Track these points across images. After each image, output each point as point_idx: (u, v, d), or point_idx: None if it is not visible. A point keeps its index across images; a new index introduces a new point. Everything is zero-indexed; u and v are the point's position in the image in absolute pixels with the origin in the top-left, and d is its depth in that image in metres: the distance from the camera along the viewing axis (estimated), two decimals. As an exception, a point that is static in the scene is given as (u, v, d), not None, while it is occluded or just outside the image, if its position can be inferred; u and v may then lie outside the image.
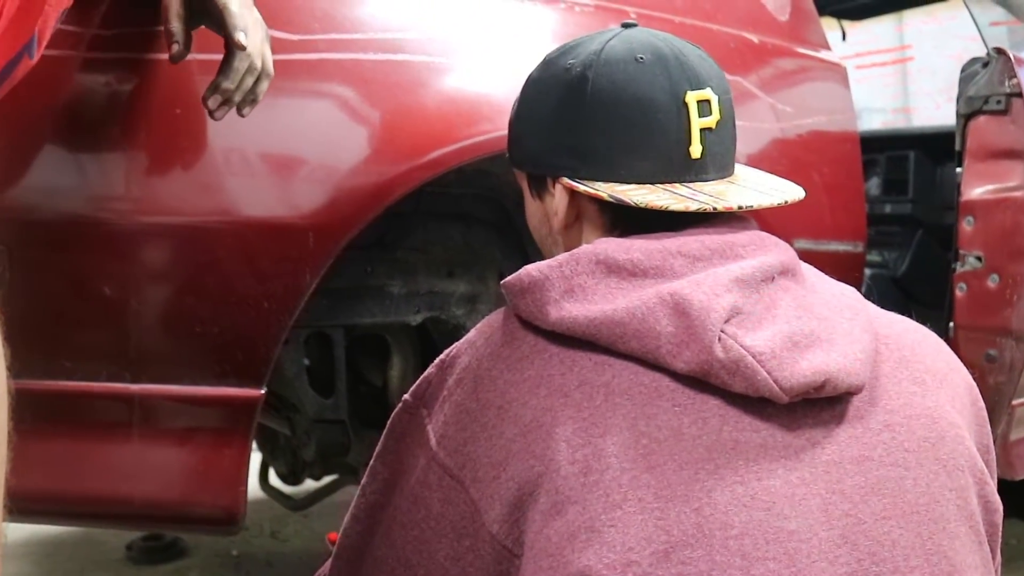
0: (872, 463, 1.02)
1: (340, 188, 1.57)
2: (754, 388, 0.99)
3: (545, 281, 1.06)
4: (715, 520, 0.95)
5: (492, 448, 1.04)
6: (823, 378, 1.00)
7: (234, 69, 1.37)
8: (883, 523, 1.00)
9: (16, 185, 1.48)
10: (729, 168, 1.18)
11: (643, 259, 1.06)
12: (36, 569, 3.01)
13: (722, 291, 1.02)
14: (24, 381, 1.02)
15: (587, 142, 1.14)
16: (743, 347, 0.99)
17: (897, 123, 7.24)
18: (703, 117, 1.12)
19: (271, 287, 1.55)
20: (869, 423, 1.05)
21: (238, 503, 1.61)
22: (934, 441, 1.06)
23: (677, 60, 1.13)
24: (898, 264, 3.41)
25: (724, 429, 1.00)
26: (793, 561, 0.95)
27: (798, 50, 2.23)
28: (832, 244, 2.16)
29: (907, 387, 1.09)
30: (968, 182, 2.19)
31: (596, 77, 1.13)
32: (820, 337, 1.03)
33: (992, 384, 2.14)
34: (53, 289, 1.52)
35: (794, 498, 0.98)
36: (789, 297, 1.07)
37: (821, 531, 0.97)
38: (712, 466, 0.98)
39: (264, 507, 3.05)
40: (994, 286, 2.13)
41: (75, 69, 1.46)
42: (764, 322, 1.03)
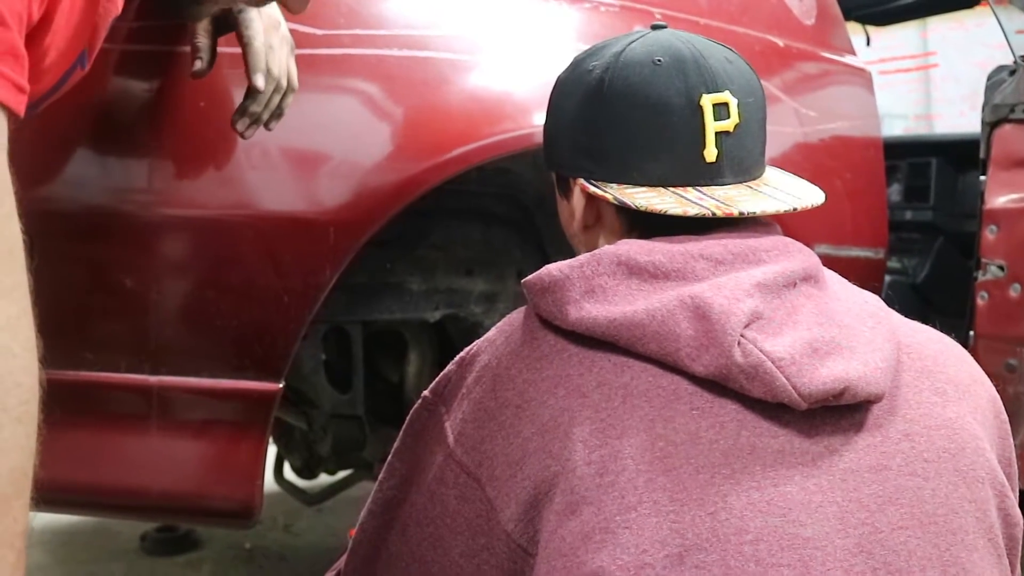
0: (890, 472, 1.01)
1: (362, 184, 1.57)
2: (772, 394, 0.98)
3: (566, 281, 1.06)
4: (730, 525, 0.94)
5: (509, 447, 1.04)
6: (842, 386, 0.99)
7: (262, 92, 1.40)
8: (900, 533, 0.99)
9: (39, 174, 1.48)
10: (752, 172, 1.16)
11: (665, 261, 1.05)
12: (51, 558, 3.02)
13: (743, 295, 1.02)
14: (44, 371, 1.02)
15: (601, 144, 1.15)
16: (763, 352, 0.98)
17: (919, 129, 7.21)
18: (720, 120, 1.11)
19: (291, 282, 1.55)
20: (888, 432, 1.04)
21: (254, 496, 1.61)
22: (954, 452, 1.05)
23: (696, 63, 1.12)
24: (918, 271, 3.39)
25: (742, 434, 0.99)
26: (808, 568, 0.94)
27: (823, 54, 2.22)
28: (853, 250, 2.15)
29: (928, 397, 1.08)
30: (992, 190, 2.18)
31: (613, 79, 1.13)
32: (841, 345, 1.02)
33: (1012, 394, 2.13)
34: (74, 280, 1.52)
35: (810, 505, 0.97)
36: (811, 304, 1.06)
37: (837, 539, 0.96)
38: (729, 471, 0.97)
39: (278, 501, 3.06)
40: (1016, 295, 2.11)
41: (104, 61, 1.46)
42: (785, 328, 1.02)
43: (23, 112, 0.95)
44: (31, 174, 1.45)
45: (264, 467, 1.63)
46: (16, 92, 0.93)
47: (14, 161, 0.97)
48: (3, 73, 0.91)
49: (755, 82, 1.18)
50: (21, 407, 0.87)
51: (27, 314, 0.90)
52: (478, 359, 1.12)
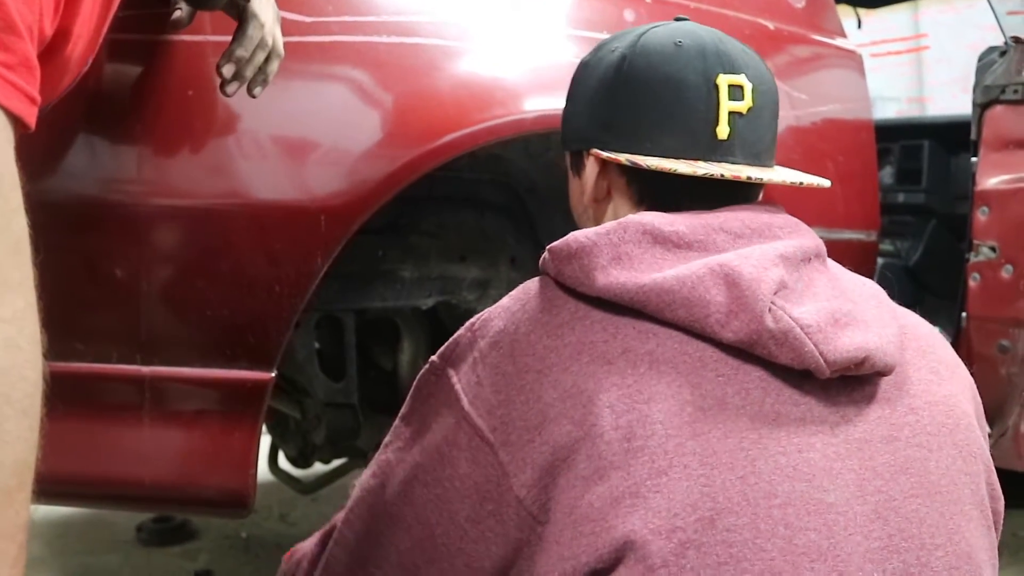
0: (899, 443, 1.06)
1: (352, 172, 1.56)
2: (800, 360, 1.01)
3: (593, 247, 1.07)
4: (760, 488, 0.97)
5: (528, 412, 1.04)
6: (864, 354, 1.03)
7: (248, 37, 1.37)
8: (911, 501, 1.03)
9: (29, 167, 1.47)
10: (762, 158, 1.20)
11: (687, 232, 1.08)
12: (47, 550, 3.02)
13: (770, 265, 1.05)
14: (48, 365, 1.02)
15: (618, 116, 1.19)
16: (792, 318, 1.02)
17: (912, 112, 7.21)
18: (734, 101, 1.15)
19: (282, 270, 1.55)
20: (896, 405, 1.08)
21: (248, 486, 1.61)
22: (951, 427, 1.10)
23: (715, 47, 1.17)
24: (911, 254, 3.40)
25: (766, 400, 1.02)
26: (832, 532, 0.97)
27: (814, 37, 2.22)
28: (845, 233, 2.15)
29: (926, 375, 1.13)
30: (983, 172, 2.18)
31: (634, 57, 1.18)
32: (857, 317, 1.06)
33: (1004, 375, 2.13)
34: (65, 271, 1.52)
35: (831, 471, 1.00)
36: (824, 279, 1.11)
37: (856, 505, 1.00)
38: (756, 435, 1.00)
39: (273, 490, 3.06)
40: (1008, 276, 2.12)
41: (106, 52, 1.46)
42: (806, 298, 1.06)
43: (34, 124, 0.95)
44: (22, 166, 1.45)
45: (257, 456, 1.63)
46: (28, 103, 0.94)
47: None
48: (16, 84, 0.91)
49: (770, 75, 1.22)
50: (26, 400, 0.87)
51: (32, 308, 0.90)
52: (491, 324, 1.12)
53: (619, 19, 1.88)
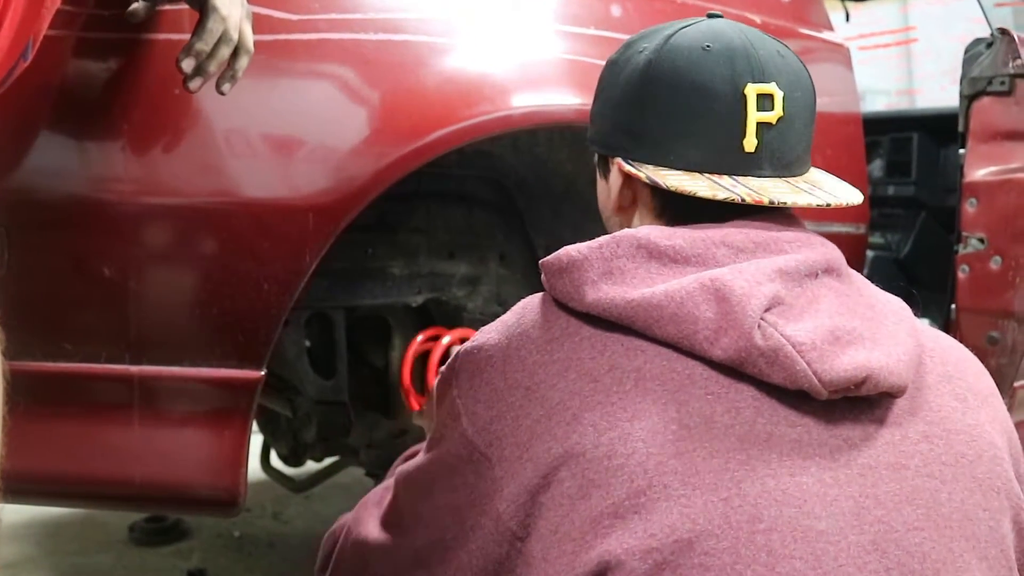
0: (908, 472, 1.01)
1: (340, 169, 1.56)
2: (792, 379, 0.98)
3: (584, 262, 1.06)
4: (743, 512, 0.94)
5: (518, 429, 1.04)
6: (864, 374, 0.98)
7: (208, 31, 1.35)
8: (915, 534, 0.98)
9: (14, 166, 1.47)
10: (793, 168, 1.14)
11: (685, 246, 1.05)
12: (39, 550, 3.01)
13: (764, 280, 1.01)
14: (24, 363, 1.02)
15: (642, 124, 1.14)
16: (783, 336, 0.98)
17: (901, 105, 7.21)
18: (763, 111, 1.10)
19: (271, 268, 1.55)
20: (908, 431, 1.03)
21: (238, 484, 1.61)
22: (971, 459, 1.05)
23: (745, 52, 1.11)
24: (901, 246, 3.40)
25: (758, 421, 0.99)
26: (820, 562, 0.93)
27: (801, 31, 2.22)
28: (834, 226, 2.15)
29: (949, 401, 1.08)
30: (971, 164, 2.18)
31: (660, 60, 1.13)
32: (863, 335, 1.02)
33: (994, 366, 2.14)
34: (52, 270, 1.51)
35: (826, 498, 0.96)
36: (832, 294, 1.06)
37: (852, 535, 0.96)
38: (744, 456, 0.96)
39: (266, 488, 3.06)
40: (996, 268, 2.12)
41: (72, 49, 1.45)
42: (806, 314, 1.01)
43: None
44: (6, 165, 1.45)
45: (248, 455, 1.62)
46: None
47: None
48: None
49: (806, 79, 1.16)
50: None
51: None
52: (489, 338, 1.12)
53: (606, 15, 1.88)
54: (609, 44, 1.78)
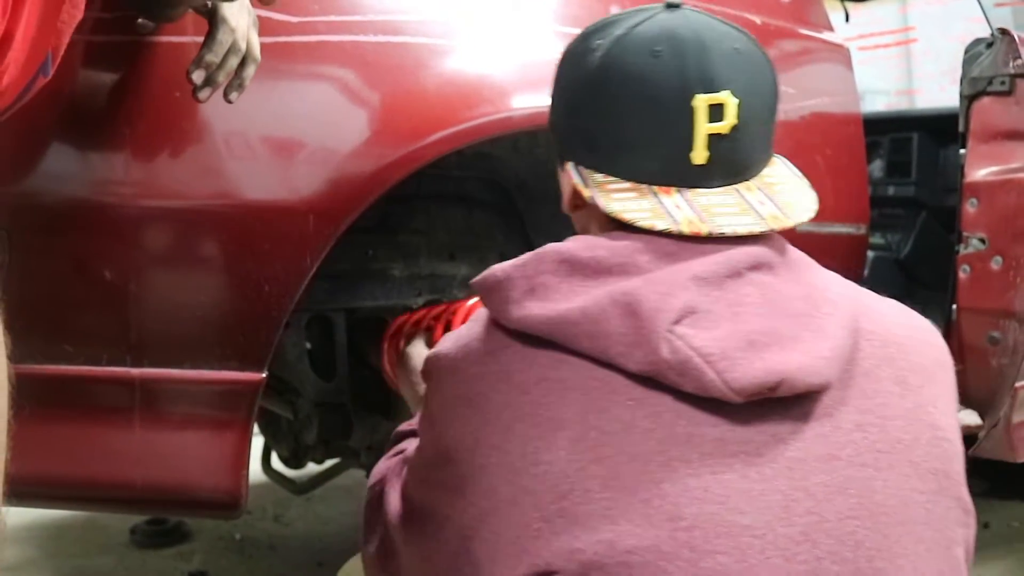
0: (840, 462, 1.01)
1: (340, 171, 1.56)
2: (704, 389, 0.98)
3: (507, 281, 1.09)
4: (664, 511, 0.96)
5: (463, 437, 1.08)
6: (777, 378, 0.98)
7: (218, 42, 1.36)
8: (848, 522, 0.98)
9: (15, 169, 1.47)
10: (751, 171, 1.12)
11: (607, 256, 1.05)
12: (40, 553, 3.01)
13: (677, 290, 1.01)
14: (25, 366, 1.02)
15: (593, 132, 1.12)
16: (691, 348, 0.98)
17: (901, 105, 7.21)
18: (714, 122, 1.07)
19: (271, 270, 1.55)
20: (840, 422, 1.03)
21: (240, 487, 1.61)
22: (908, 443, 1.05)
23: (696, 57, 1.07)
24: (901, 246, 3.40)
25: (679, 423, 0.99)
26: (745, 556, 0.94)
27: (801, 31, 2.22)
28: (835, 227, 2.15)
29: (887, 386, 1.07)
30: (972, 164, 2.19)
31: (611, 64, 1.10)
32: (783, 335, 1.01)
33: (995, 366, 2.14)
34: (53, 273, 1.52)
35: (751, 493, 0.97)
36: (757, 292, 1.04)
37: (779, 527, 0.96)
38: (664, 458, 0.98)
39: (267, 491, 3.06)
40: (997, 268, 2.12)
41: (75, 52, 1.45)
42: (722, 321, 1.01)
43: None
44: (8, 168, 1.45)
45: (249, 457, 1.63)
46: None
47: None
48: None
49: (766, 75, 1.13)
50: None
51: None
52: (444, 348, 1.16)
53: (606, 15, 1.87)
54: (609, 45, 1.79)
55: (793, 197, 1.14)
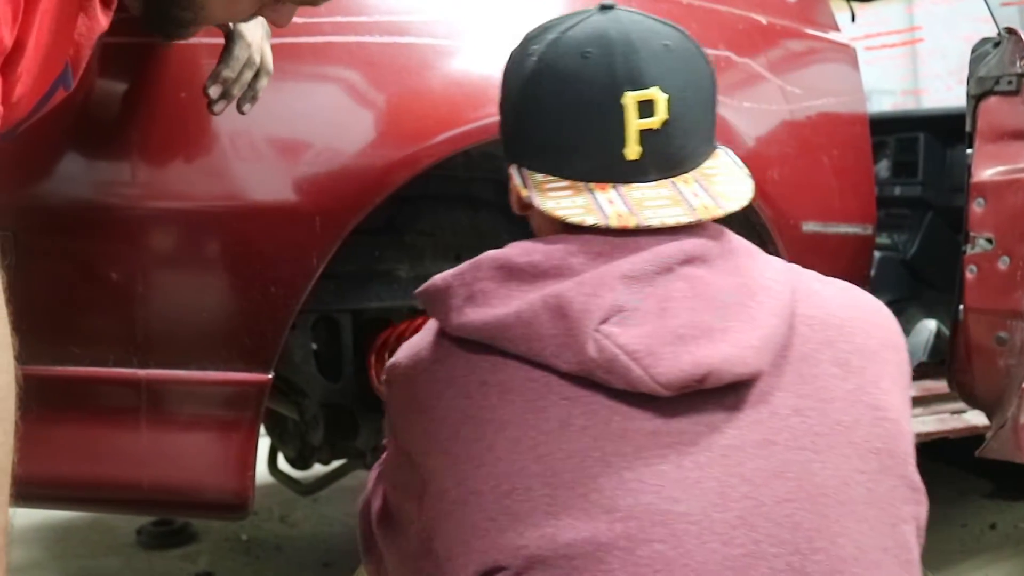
0: (777, 447, 1.03)
1: (346, 172, 1.56)
2: (632, 385, 1.01)
3: (447, 289, 1.13)
4: (600, 504, 0.99)
5: (417, 442, 1.14)
6: (704, 371, 1.01)
7: (235, 58, 1.39)
8: (785, 505, 1.00)
9: (22, 171, 1.47)
10: (684, 165, 1.14)
11: (542, 260, 1.09)
12: (47, 554, 3.02)
13: (604, 290, 1.04)
14: (32, 367, 1.02)
15: (532, 133, 1.16)
16: (617, 346, 1.01)
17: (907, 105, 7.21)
18: (644, 118, 1.10)
19: (278, 272, 1.55)
20: (777, 408, 1.05)
21: (246, 488, 1.61)
22: (849, 425, 1.07)
23: (625, 56, 1.10)
24: (908, 246, 3.40)
25: (613, 419, 1.03)
26: (681, 542, 0.97)
27: (807, 31, 2.22)
28: (841, 227, 2.15)
29: (826, 369, 1.09)
30: (979, 163, 2.18)
31: (544, 68, 1.13)
32: (712, 327, 1.04)
33: (1003, 367, 2.13)
34: (60, 275, 1.52)
35: (686, 482, 1.00)
36: (687, 287, 1.07)
37: (715, 513, 0.99)
38: (599, 454, 1.01)
39: (273, 492, 3.06)
40: (1005, 268, 2.11)
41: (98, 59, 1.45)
42: (650, 317, 1.04)
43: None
44: (14, 170, 1.45)
45: (255, 458, 1.63)
46: None
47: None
48: None
49: (698, 71, 1.16)
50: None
51: (1, 311, 0.90)
52: (400, 356, 1.21)
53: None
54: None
55: (729, 187, 1.16)
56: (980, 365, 2.18)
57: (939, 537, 2.95)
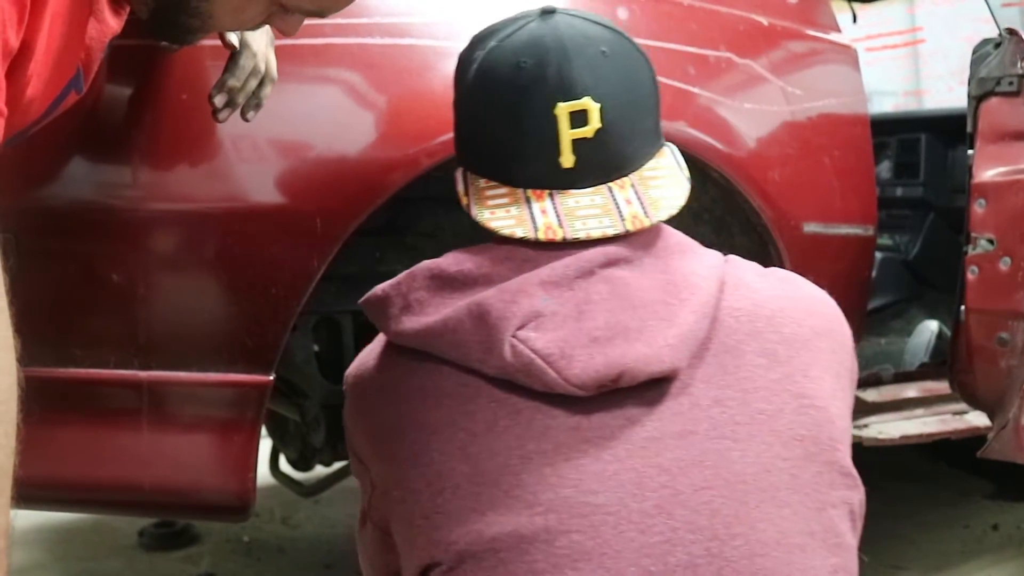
0: (696, 437, 1.07)
1: (347, 173, 1.56)
2: (548, 387, 1.07)
3: (386, 299, 1.19)
4: (523, 500, 1.05)
5: (366, 447, 1.20)
6: (617, 371, 1.06)
7: (240, 67, 1.39)
8: (703, 493, 1.05)
9: (24, 173, 1.48)
10: (621, 170, 1.17)
11: (473, 269, 1.14)
12: (49, 556, 3.02)
13: (523, 297, 1.09)
14: (34, 369, 1.02)
15: (475, 138, 1.22)
16: (532, 351, 1.06)
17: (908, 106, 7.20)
18: (577, 128, 1.13)
19: (279, 273, 1.55)
20: (699, 399, 1.09)
21: (248, 489, 1.61)
22: (771, 414, 1.10)
23: (558, 65, 1.13)
24: (909, 247, 3.40)
25: (537, 418, 1.08)
26: (598, 532, 1.02)
27: (808, 32, 2.22)
28: (843, 228, 2.14)
29: (751, 360, 1.12)
30: (980, 164, 2.17)
31: (483, 76, 1.18)
32: (628, 328, 1.08)
33: (1004, 367, 2.13)
34: (62, 276, 1.52)
35: (604, 474, 1.05)
36: (607, 289, 1.11)
37: (632, 503, 1.03)
38: (522, 451, 1.07)
39: (275, 493, 3.06)
40: (1006, 269, 2.11)
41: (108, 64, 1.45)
42: (568, 321, 1.08)
43: (0, 136, 0.94)
44: (17, 172, 1.45)
45: (257, 460, 1.63)
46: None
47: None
48: None
49: (635, 75, 1.19)
50: (0, 406, 0.86)
51: (3, 313, 0.90)
52: (352, 366, 1.27)
53: (612, 18, 1.87)
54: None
55: (665, 192, 1.19)
56: (981, 366, 2.18)
57: (941, 538, 2.95)
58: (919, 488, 3.37)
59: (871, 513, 1.21)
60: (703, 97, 1.88)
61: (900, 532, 2.95)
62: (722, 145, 1.88)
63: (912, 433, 2.37)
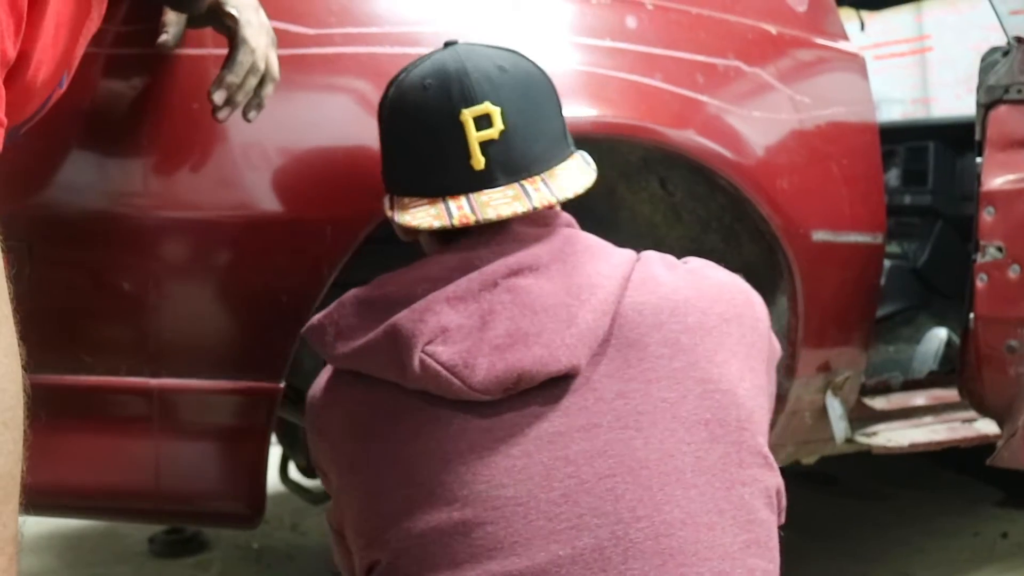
0: (600, 429, 1.16)
1: (357, 182, 1.57)
2: (456, 395, 1.18)
3: (321, 328, 1.31)
4: (443, 498, 1.16)
5: (320, 460, 1.35)
6: (516, 374, 1.16)
7: (238, 63, 1.38)
8: (607, 480, 1.14)
9: (35, 181, 1.48)
10: (531, 169, 1.28)
11: (395, 291, 1.26)
12: (59, 562, 3.02)
13: (430, 315, 1.19)
14: (44, 376, 1.03)
15: (395, 162, 1.36)
16: (439, 363, 1.17)
17: (917, 114, 7.20)
18: (483, 130, 1.26)
19: (289, 281, 1.56)
20: (603, 393, 1.18)
21: (258, 497, 1.62)
22: (674, 401, 1.18)
23: (459, 81, 1.27)
24: (918, 255, 3.40)
25: (454, 422, 1.19)
26: (510, 523, 1.13)
27: (816, 41, 2.22)
28: (851, 235, 2.14)
29: (654, 351, 1.21)
30: (988, 172, 2.17)
31: (395, 105, 1.34)
32: (527, 333, 1.17)
33: (1013, 375, 2.12)
34: (73, 284, 1.52)
35: (513, 469, 1.15)
36: (510, 298, 1.20)
37: (540, 494, 1.14)
38: (443, 453, 1.18)
39: (284, 500, 3.06)
40: (1015, 276, 2.11)
41: (95, 66, 1.46)
42: (472, 332, 1.19)
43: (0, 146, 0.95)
44: (27, 180, 1.45)
45: (267, 467, 1.63)
46: None
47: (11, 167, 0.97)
48: None
49: (533, 85, 1.32)
50: (7, 412, 0.87)
51: (7, 320, 0.90)
52: (309, 389, 1.38)
53: (621, 26, 1.88)
54: (625, 56, 1.79)
55: (570, 182, 1.31)
56: (990, 374, 2.17)
57: (950, 546, 2.94)
58: (928, 496, 3.36)
59: (880, 521, 1.23)
60: (712, 106, 1.88)
61: (909, 540, 2.94)
62: (731, 153, 1.88)
63: (921, 441, 2.37)
